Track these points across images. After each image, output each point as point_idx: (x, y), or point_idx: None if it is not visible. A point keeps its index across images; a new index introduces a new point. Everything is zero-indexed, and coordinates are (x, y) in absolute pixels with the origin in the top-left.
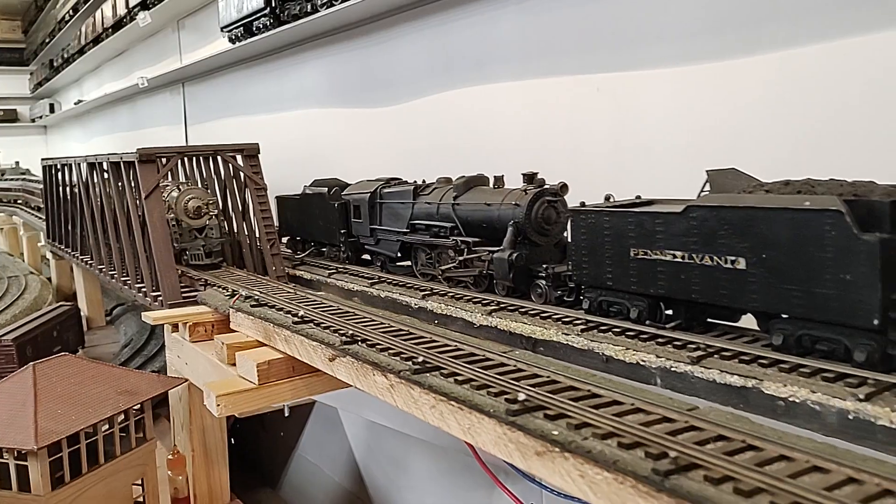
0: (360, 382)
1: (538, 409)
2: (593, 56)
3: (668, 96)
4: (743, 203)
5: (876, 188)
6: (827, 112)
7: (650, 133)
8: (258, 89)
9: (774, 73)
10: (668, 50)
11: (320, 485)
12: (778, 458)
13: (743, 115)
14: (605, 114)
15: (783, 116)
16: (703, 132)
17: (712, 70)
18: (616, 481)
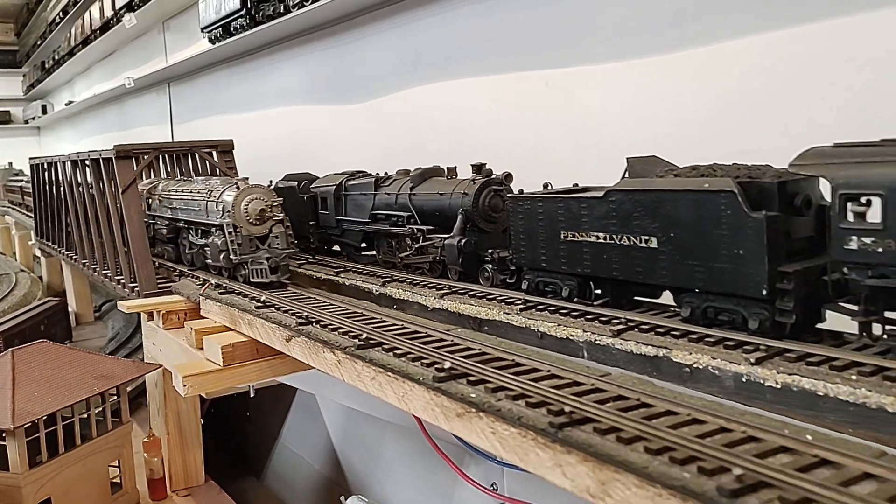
0: (313, 360)
1: (462, 376)
2: (543, 53)
3: (611, 89)
4: (653, 186)
5: (768, 171)
6: (747, 100)
7: (596, 124)
8: (240, 88)
9: (701, 66)
10: (610, 46)
11: (301, 473)
12: (664, 413)
13: (676, 104)
14: (554, 107)
15: (710, 106)
16: (643, 122)
17: (649, 64)
18: (520, 435)
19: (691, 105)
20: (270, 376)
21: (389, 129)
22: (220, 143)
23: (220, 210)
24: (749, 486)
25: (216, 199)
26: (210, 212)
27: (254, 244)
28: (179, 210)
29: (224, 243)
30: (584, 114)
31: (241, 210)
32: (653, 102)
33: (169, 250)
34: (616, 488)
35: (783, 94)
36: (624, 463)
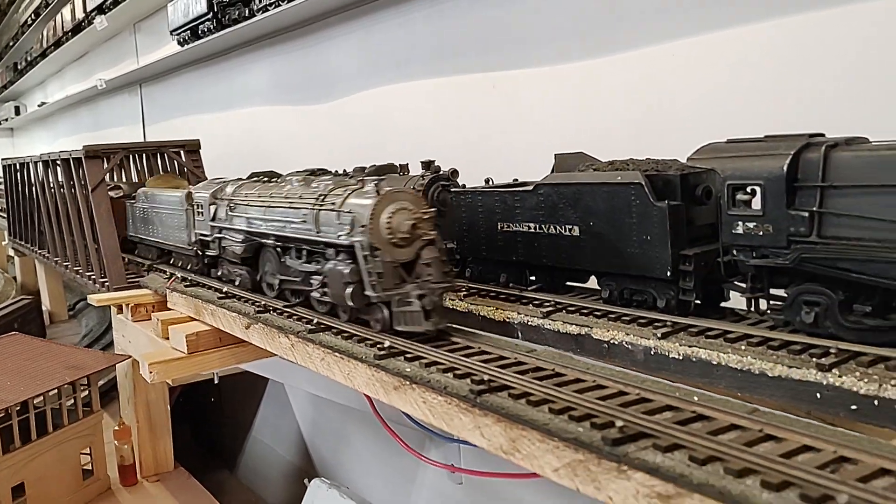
0: (269, 345)
1: (400, 354)
2: (490, 56)
3: (552, 90)
4: (575, 180)
5: (674, 164)
6: (676, 99)
7: (538, 123)
8: (209, 89)
9: (631, 68)
10: (551, 50)
11: (273, 464)
12: (573, 381)
13: (612, 104)
14: (500, 107)
15: (638, 106)
16: (581, 121)
17: (587, 67)
18: (446, 402)
19: (626, 104)
20: (233, 363)
21: (350, 128)
22: (188, 142)
23: (348, 223)
24: (630, 437)
25: (337, 207)
26: (325, 225)
27: (398, 274)
28: (265, 221)
29: (354, 272)
30: (527, 113)
31: (383, 224)
32: (590, 102)
33: (242, 275)
34: (523, 444)
35: (709, 93)
36: (530, 421)
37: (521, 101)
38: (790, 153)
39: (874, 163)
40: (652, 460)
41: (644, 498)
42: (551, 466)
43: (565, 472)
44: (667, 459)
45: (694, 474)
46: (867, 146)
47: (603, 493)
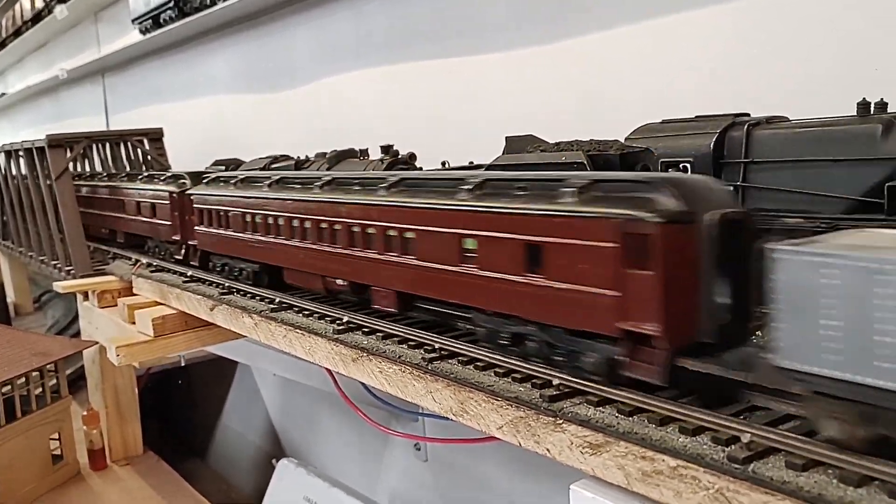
0: (233, 325)
1: (358, 328)
2: (446, 42)
3: (504, 75)
4: (522, 161)
5: (614, 144)
6: (622, 84)
7: (493, 107)
8: (172, 78)
9: (575, 56)
10: (506, 35)
11: (243, 449)
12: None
13: (558, 88)
14: (456, 92)
15: (587, 89)
16: (534, 104)
17: (536, 53)
18: (400, 371)
19: (575, 87)
20: (199, 345)
21: (311, 114)
22: (150, 131)
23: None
24: (565, 394)
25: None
26: None
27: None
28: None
29: None
30: (482, 97)
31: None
32: (542, 86)
33: None
34: (471, 405)
35: (652, 75)
36: (477, 384)
37: (476, 86)
38: (716, 132)
39: (788, 139)
40: (584, 414)
41: (577, 448)
42: (496, 424)
43: (508, 430)
44: (598, 413)
45: (621, 424)
46: (785, 124)
47: (542, 446)
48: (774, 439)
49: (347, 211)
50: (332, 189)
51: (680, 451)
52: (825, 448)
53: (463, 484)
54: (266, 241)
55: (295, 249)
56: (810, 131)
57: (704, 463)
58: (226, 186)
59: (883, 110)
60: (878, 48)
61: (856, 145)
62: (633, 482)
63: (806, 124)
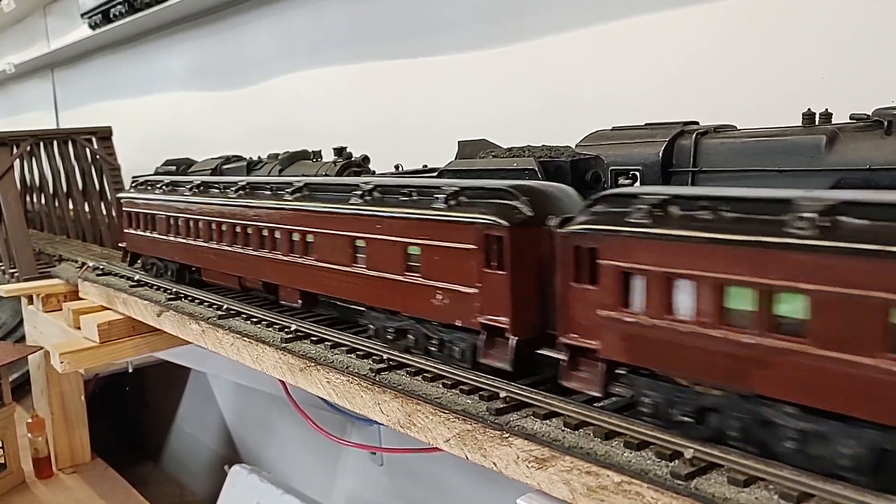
0: (181, 332)
1: (306, 337)
2: (406, 42)
3: (463, 77)
4: (474, 166)
5: (566, 151)
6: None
7: (451, 110)
8: (125, 75)
9: (539, 56)
10: (465, 36)
11: (198, 453)
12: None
13: (517, 91)
14: (414, 93)
15: (546, 93)
16: (492, 107)
17: (495, 55)
18: (348, 381)
19: (535, 91)
20: (147, 352)
21: (266, 113)
22: (99, 129)
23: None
24: (512, 406)
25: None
26: None
27: None
28: None
29: None
30: (439, 100)
31: None
32: (501, 89)
33: None
34: (418, 417)
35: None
36: (424, 396)
37: (433, 88)
38: (665, 140)
39: (735, 149)
40: (531, 427)
41: (523, 462)
42: (443, 437)
43: (455, 442)
44: (544, 426)
45: (567, 438)
46: (732, 133)
47: (489, 459)
48: (717, 455)
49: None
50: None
51: (624, 467)
52: (767, 465)
53: (420, 489)
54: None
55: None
56: (756, 141)
57: (648, 479)
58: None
59: (828, 121)
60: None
61: (800, 156)
62: (578, 497)
63: (752, 134)
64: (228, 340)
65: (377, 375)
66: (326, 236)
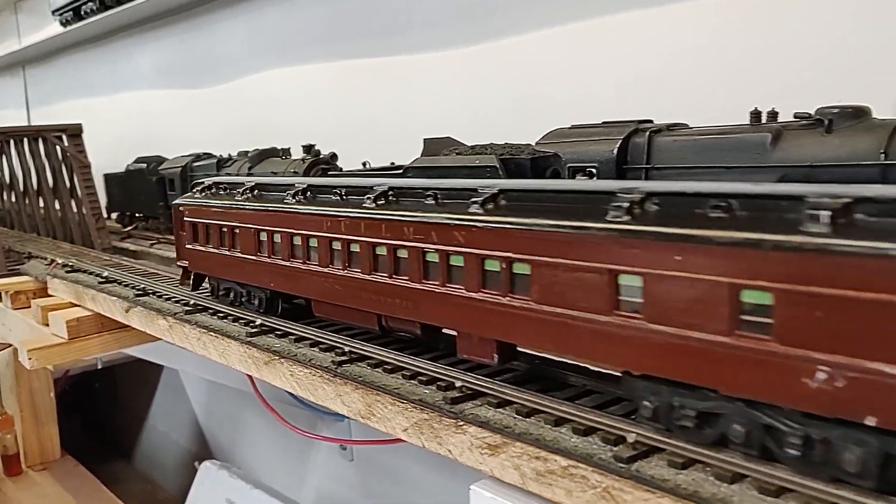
0: (149, 327)
1: (270, 331)
2: (374, 41)
3: (431, 76)
4: (438, 163)
5: (526, 149)
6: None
7: (418, 107)
8: (97, 72)
9: (508, 55)
10: (431, 36)
11: (170, 450)
12: (426, 350)
13: (485, 89)
14: (382, 92)
15: (514, 91)
16: (462, 106)
17: (462, 54)
18: (311, 374)
19: (502, 89)
20: (116, 348)
21: (237, 111)
22: (69, 126)
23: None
24: (467, 396)
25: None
26: None
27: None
28: None
29: None
30: (408, 98)
31: None
32: (469, 87)
33: None
34: (378, 408)
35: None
36: (384, 387)
37: (405, 87)
38: (620, 138)
39: (686, 146)
40: (484, 415)
41: (477, 449)
42: (401, 427)
43: (413, 432)
44: (497, 414)
45: (518, 425)
46: (684, 131)
47: (444, 447)
48: (658, 439)
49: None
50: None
51: (571, 451)
52: (705, 448)
53: (389, 483)
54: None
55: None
56: (706, 139)
57: (593, 462)
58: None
59: (774, 119)
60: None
61: (747, 153)
62: (528, 482)
63: (702, 132)
64: (195, 335)
65: (339, 367)
66: (566, 270)
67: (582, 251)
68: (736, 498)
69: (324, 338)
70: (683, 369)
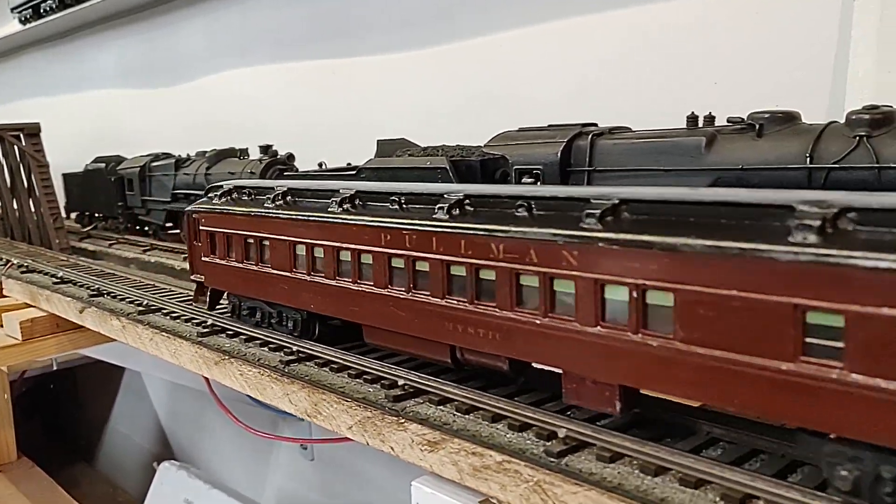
0: (102, 328)
1: (221, 331)
2: (331, 44)
3: (387, 78)
4: (391, 164)
5: (476, 151)
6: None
7: (373, 109)
8: (57, 71)
9: (459, 58)
10: (387, 39)
11: (132, 452)
12: (372, 351)
13: (439, 91)
14: (339, 93)
15: (467, 93)
16: (417, 107)
17: (416, 57)
18: (259, 374)
19: (456, 91)
20: (71, 349)
21: (196, 112)
22: (27, 126)
23: None
24: (409, 394)
25: None
26: None
27: None
28: None
29: None
30: (364, 99)
31: None
32: (424, 89)
33: None
34: (324, 406)
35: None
36: (329, 386)
37: (359, 88)
38: (564, 141)
39: (626, 149)
40: (425, 413)
41: (417, 446)
42: (346, 425)
43: (357, 429)
44: (437, 411)
45: (457, 422)
46: (625, 135)
47: (387, 444)
48: (588, 434)
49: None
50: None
51: (505, 447)
52: (631, 441)
53: (350, 482)
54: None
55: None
56: (645, 142)
57: (525, 457)
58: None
59: (711, 123)
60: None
61: (683, 156)
62: (466, 477)
63: (642, 135)
64: (148, 335)
65: (287, 367)
66: (733, 305)
67: (757, 280)
68: (657, 490)
69: (273, 338)
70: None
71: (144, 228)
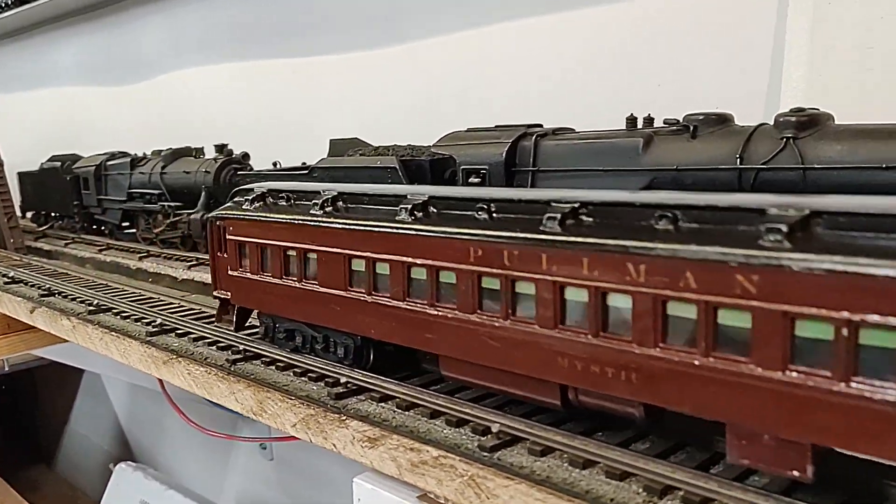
0: (53, 328)
1: (171, 330)
2: (290, 42)
3: (344, 77)
4: (342, 164)
5: (426, 151)
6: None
7: (332, 107)
8: (13, 68)
9: (415, 58)
10: (345, 38)
11: (92, 454)
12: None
13: (394, 91)
14: (296, 92)
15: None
16: (371, 107)
17: (372, 56)
18: (206, 373)
19: (411, 91)
20: (23, 349)
21: (154, 110)
22: None
23: None
24: (351, 391)
25: None
26: None
27: None
28: None
29: None
30: (321, 99)
31: None
32: (379, 89)
33: None
34: (269, 405)
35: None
36: (274, 384)
37: (316, 87)
38: (509, 142)
39: (568, 150)
40: (366, 409)
41: (358, 442)
42: (290, 422)
43: (301, 427)
44: (378, 408)
45: (396, 418)
46: (567, 136)
47: (329, 441)
48: (520, 429)
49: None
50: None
51: (442, 442)
52: (562, 436)
53: (309, 481)
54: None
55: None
56: (584, 143)
57: (460, 452)
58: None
59: (650, 125)
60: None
61: (621, 157)
62: (404, 472)
63: (583, 136)
64: (97, 335)
65: (233, 366)
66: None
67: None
68: (583, 482)
69: (221, 337)
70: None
71: (101, 228)
